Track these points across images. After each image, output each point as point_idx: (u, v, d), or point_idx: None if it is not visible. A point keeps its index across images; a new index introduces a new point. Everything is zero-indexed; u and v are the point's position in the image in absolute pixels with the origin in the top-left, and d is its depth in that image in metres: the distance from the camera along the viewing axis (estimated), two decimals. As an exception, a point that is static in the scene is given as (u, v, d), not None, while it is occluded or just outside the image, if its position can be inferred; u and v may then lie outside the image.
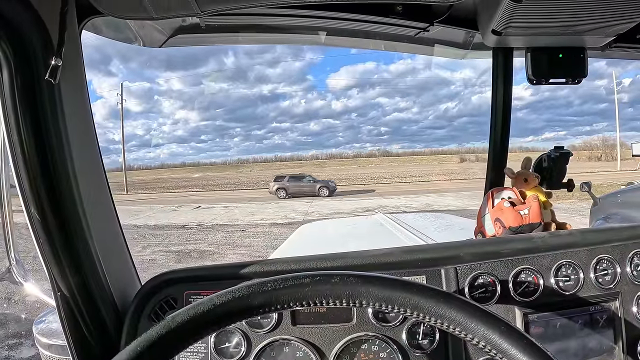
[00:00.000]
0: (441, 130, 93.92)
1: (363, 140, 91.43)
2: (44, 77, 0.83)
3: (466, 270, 1.11)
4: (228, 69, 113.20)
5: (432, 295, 0.63)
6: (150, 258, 9.82)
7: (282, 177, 29.83)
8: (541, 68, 1.38)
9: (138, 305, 1.10)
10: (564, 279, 1.12)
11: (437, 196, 23.38)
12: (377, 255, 1.13)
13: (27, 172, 0.88)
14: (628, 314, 1.13)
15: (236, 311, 0.63)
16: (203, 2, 0.89)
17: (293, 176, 30.41)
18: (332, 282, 0.65)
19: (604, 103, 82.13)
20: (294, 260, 1.13)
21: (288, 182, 28.65)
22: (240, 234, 13.16)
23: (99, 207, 1.05)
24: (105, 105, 58.02)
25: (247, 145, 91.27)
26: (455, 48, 1.62)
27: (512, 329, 0.59)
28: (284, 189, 27.86)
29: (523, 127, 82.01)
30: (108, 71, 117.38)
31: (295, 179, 29.78)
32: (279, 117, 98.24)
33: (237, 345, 1.07)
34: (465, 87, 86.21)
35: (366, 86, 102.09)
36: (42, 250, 0.93)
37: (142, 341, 0.59)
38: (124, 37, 1.35)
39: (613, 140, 49.27)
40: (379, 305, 0.64)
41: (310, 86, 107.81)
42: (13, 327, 4.87)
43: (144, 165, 72.78)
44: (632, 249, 1.16)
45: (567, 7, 1.06)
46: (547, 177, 1.52)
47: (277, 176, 30.56)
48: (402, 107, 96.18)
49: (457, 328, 0.61)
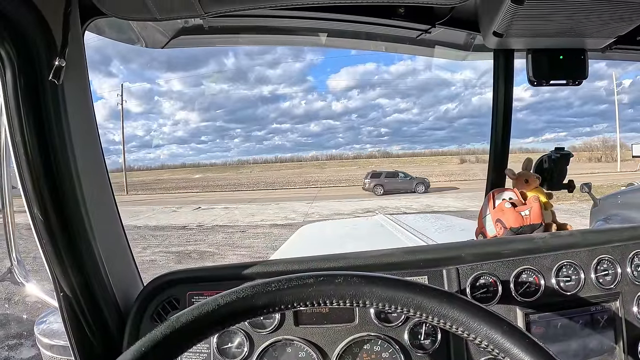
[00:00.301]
0: (441, 132, 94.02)
1: (363, 141, 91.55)
2: (47, 77, 0.83)
3: (468, 271, 1.11)
4: (228, 69, 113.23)
5: (435, 296, 0.63)
6: (151, 259, 9.81)
7: (379, 174, 30.25)
8: (542, 70, 1.39)
9: (140, 305, 1.10)
10: (564, 279, 1.12)
11: (437, 197, 23.38)
12: (379, 256, 1.14)
13: (30, 173, 0.88)
14: (629, 314, 1.14)
15: (240, 311, 0.64)
16: (206, 4, 0.89)
17: (389, 173, 30.74)
18: (335, 283, 0.65)
19: (604, 104, 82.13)
20: (296, 260, 1.13)
21: (386, 179, 29.09)
22: (240, 234, 13.16)
23: (101, 207, 1.05)
24: (106, 105, 57.97)
25: (248, 146, 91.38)
26: (456, 49, 1.63)
27: (515, 329, 0.60)
28: (381, 186, 28.31)
29: (523, 128, 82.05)
30: (108, 72, 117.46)
31: (391, 175, 30.27)
32: (279, 118, 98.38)
33: (240, 345, 1.08)
34: (466, 88, 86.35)
35: (366, 87, 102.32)
36: (44, 251, 0.93)
37: (146, 341, 0.59)
38: (127, 38, 1.35)
39: (613, 141, 49.39)
40: (382, 306, 0.64)
41: (310, 87, 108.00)
42: (14, 327, 4.87)
43: (144, 166, 72.83)
44: (633, 250, 1.17)
45: (568, 9, 1.06)
46: (547, 178, 1.52)
47: (372, 173, 30.87)
48: (402, 108, 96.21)
49: (460, 328, 0.62)
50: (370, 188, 28.61)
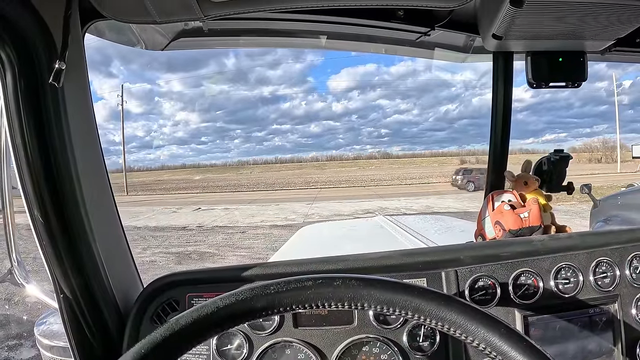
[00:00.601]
0: (441, 133, 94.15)
1: (363, 142, 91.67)
2: (47, 80, 0.83)
3: (466, 273, 1.11)
4: (229, 70, 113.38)
5: (433, 298, 0.63)
6: (150, 259, 9.80)
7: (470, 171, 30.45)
8: (541, 72, 1.39)
9: (140, 307, 1.10)
10: (563, 281, 1.12)
11: (437, 198, 23.37)
12: (378, 258, 1.14)
13: (30, 175, 0.88)
14: (627, 317, 1.14)
15: (239, 314, 0.64)
16: (206, 7, 0.89)
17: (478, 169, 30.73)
18: (334, 285, 0.65)
19: (604, 105, 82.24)
20: (295, 262, 1.13)
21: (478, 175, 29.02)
22: (240, 235, 13.15)
23: (101, 209, 1.05)
24: (106, 106, 58.06)
25: (248, 147, 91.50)
26: (456, 52, 1.63)
27: (512, 332, 0.60)
28: (472, 182, 28.50)
29: (523, 129, 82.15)
30: (109, 72, 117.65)
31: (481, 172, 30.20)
32: (279, 119, 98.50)
33: (239, 347, 1.08)
34: (466, 89, 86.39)
35: (367, 88, 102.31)
36: (44, 252, 0.93)
37: (146, 343, 0.59)
38: (127, 40, 1.35)
39: (613, 142, 49.40)
40: (380, 308, 0.64)
41: (310, 88, 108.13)
42: (14, 328, 4.87)
43: (144, 166, 72.94)
44: (631, 252, 1.17)
45: (567, 12, 1.06)
46: (547, 180, 1.53)
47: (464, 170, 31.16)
48: (402, 109, 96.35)
49: (458, 330, 0.62)
50: (462, 185, 28.95)
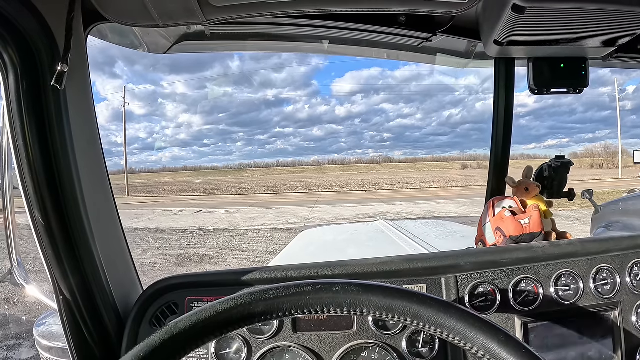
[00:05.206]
0: (444, 137, 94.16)
1: (365, 146, 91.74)
2: (49, 82, 0.84)
3: (466, 279, 1.11)
4: (233, 73, 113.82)
5: (432, 305, 0.63)
6: (151, 262, 9.80)
7: None
8: (543, 78, 1.39)
9: (139, 310, 1.10)
10: (563, 288, 1.12)
11: (438, 203, 23.33)
12: (378, 264, 1.14)
13: (31, 177, 0.88)
14: (627, 324, 1.13)
15: (238, 318, 0.64)
16: (208, 11, 0.90)
17: None
18: (333, 291, 0.65)
19: (607, 110, 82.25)
20: (295, 267, 1.13)
21: None
22: (241, 238, 13.13)
23: (102, 211, 1.05)
24: (109, 107, 58.33)
25: (250, 150, 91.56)
26: (457, 57, 1.63)
27: (511, 339, 0.60)
28: None
29: (526, 134, 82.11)
30: (112, 73, 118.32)
31: None
32: (282, 122, 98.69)
33: (238, 351, 1.08)
34: (469, 94, 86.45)
35: (370, 92, 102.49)
36: (45, 254, 0.93)
37: (144, 347, 0.59)
38: (129, 43, 1.36)
39: (615, 147, 49.32)
40: (379, 314, 0.64)
41: (314, 91, 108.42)
42: (13, 328, 4.87)
43: (145, 168, 73.13)
44: (632, 259, 1.17)
45: (569, 18, 1.06)
46: (548, 186, 1.53)
47: None
48: (405, 114, 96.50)
49: (457, 337, 0.62)
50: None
